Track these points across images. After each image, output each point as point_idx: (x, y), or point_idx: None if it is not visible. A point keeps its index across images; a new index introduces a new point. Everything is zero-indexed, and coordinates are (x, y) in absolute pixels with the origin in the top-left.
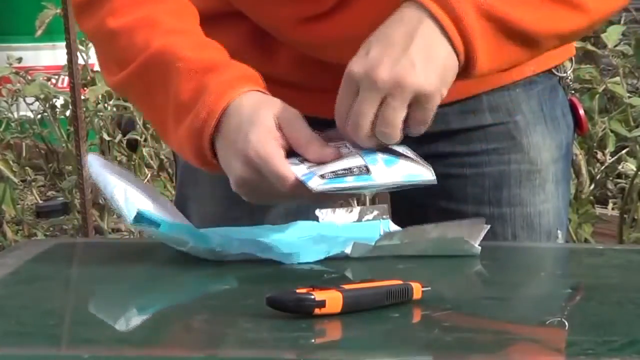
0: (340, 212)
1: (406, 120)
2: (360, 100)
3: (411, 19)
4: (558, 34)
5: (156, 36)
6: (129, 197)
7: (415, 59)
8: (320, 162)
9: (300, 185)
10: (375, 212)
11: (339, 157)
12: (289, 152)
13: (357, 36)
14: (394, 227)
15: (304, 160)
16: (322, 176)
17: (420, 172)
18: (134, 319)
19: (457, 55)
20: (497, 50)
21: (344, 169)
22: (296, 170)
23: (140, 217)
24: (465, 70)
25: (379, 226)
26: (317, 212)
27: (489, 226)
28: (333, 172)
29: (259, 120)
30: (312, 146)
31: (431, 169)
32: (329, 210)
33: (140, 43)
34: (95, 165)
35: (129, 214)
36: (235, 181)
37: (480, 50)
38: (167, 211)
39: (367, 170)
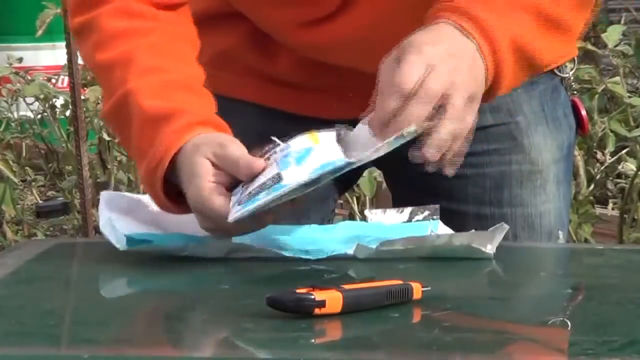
0: (391, 212)
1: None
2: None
3: (455, 41)
4: (555, 60)
5: (129, 76)
6: (115, 226)
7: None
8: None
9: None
10: (426, 213)
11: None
12: (234, 182)
13: (358, 39)
14: (443, 228)
15: (244, 184)
16: (239, 202)
17: (332, 158)
18: (134, 319)
19: (485, 82)
20: (514, 78)
21: (259, 185)
22: (233, 202)
23: (131, 241)
24: (486, 96)
25: (427, 227)
26: (367, 212)
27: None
28: (249, 193)
29: (195, 170)
30: (240, 168)
31: (362, 154)
32: (379, 210)
33: (116, 82)
34: (102, 203)
35: (120, 242)
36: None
37: (504, 81)
38: (167, 223)
39: (279, 178)
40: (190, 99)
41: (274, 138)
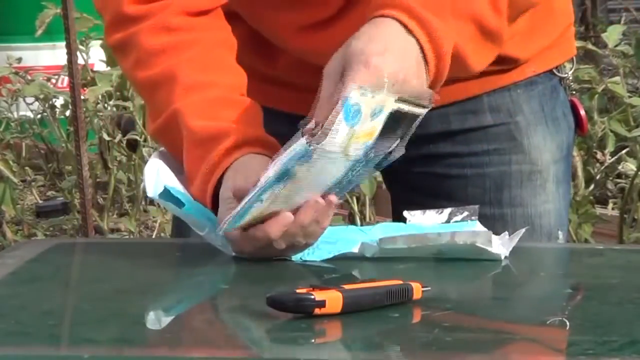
0: (430, 213)
1: None
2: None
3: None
4: (482, 67)
5: (174, 96)
6: (160, 173)
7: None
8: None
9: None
10: (465, 213)
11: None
12: None
13: None
14: (481, 229)
15: None
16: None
17: (295, 148)
18: (134, 319)
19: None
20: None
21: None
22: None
23: (166, 193)
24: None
25: (464, 228)
26: (406, 213)
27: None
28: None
29: (221, 194)
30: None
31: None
32: (418, 212)
33: (162, 101)
34: (156, 154)
35: (155, 188)
36: None
37: (438, 84)
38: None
39: (257, 181)
40: (237, 115)
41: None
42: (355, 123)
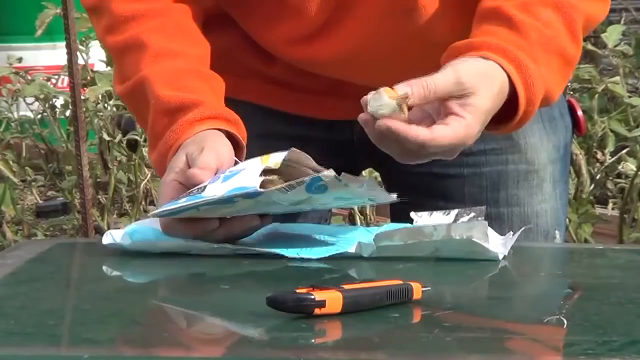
0: (437, 214)
1: None
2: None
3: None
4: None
5: (142, 63)
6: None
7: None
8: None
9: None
10: (472, 214)
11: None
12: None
13: (347, 55)
14: (490, 230)
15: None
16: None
17: (245, 184)
18: (134, 319)
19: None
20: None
21: (187, 192)
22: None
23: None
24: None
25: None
26: (413, 214)
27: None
28: (177, 198)
29: (172, 163)
30: (187, 174)
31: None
32: (425, 213)
33: (130, 67)
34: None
35: (124, 238)
36: None
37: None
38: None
39: (204, 189)
40: (204, 88)
41: (235, 159)
42: (315, 193)
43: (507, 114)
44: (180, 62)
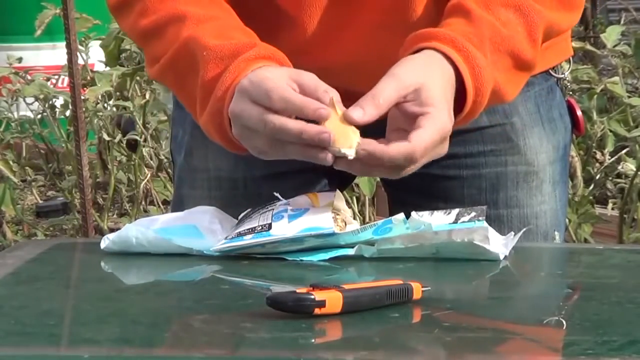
0: (438, 214)
1: None
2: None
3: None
4: (515, 94)
5: (184, 29)
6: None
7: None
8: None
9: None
10: (473, 214)
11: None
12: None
13: (344, 65)
14: (491, 230)
15: (234, 227)
16: (226, 237)
17: (318, 224)
18: (134, 319)
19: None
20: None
21: (249, 229)
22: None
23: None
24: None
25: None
26: (414, 214)
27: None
28: (237, 232)
29: (266, 81)
30: (317, 90)
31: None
32: (426, 212)
33: (170, 37)
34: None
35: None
36: (249, 136)
37: (469, 120)
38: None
39: (269, 227)
40: (251, 38)
41: (276, 194)
42: (379, 235)
43: (460, 106)
44: (223, 21)
